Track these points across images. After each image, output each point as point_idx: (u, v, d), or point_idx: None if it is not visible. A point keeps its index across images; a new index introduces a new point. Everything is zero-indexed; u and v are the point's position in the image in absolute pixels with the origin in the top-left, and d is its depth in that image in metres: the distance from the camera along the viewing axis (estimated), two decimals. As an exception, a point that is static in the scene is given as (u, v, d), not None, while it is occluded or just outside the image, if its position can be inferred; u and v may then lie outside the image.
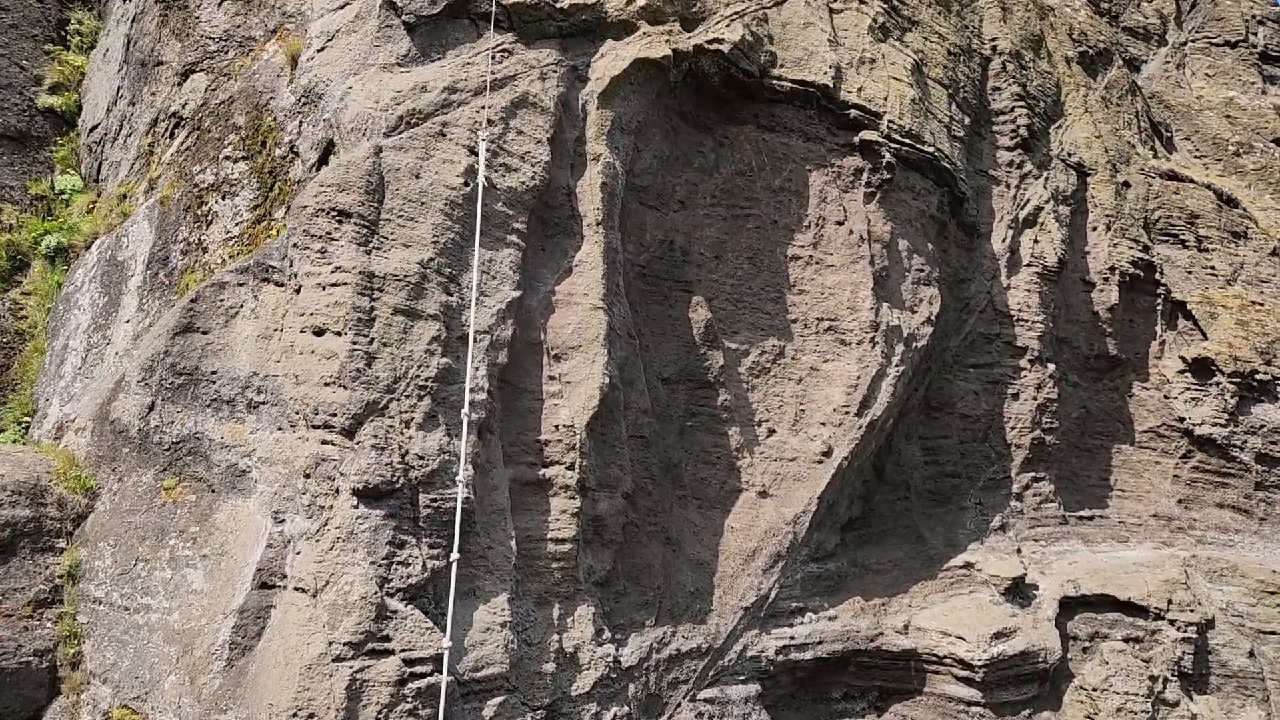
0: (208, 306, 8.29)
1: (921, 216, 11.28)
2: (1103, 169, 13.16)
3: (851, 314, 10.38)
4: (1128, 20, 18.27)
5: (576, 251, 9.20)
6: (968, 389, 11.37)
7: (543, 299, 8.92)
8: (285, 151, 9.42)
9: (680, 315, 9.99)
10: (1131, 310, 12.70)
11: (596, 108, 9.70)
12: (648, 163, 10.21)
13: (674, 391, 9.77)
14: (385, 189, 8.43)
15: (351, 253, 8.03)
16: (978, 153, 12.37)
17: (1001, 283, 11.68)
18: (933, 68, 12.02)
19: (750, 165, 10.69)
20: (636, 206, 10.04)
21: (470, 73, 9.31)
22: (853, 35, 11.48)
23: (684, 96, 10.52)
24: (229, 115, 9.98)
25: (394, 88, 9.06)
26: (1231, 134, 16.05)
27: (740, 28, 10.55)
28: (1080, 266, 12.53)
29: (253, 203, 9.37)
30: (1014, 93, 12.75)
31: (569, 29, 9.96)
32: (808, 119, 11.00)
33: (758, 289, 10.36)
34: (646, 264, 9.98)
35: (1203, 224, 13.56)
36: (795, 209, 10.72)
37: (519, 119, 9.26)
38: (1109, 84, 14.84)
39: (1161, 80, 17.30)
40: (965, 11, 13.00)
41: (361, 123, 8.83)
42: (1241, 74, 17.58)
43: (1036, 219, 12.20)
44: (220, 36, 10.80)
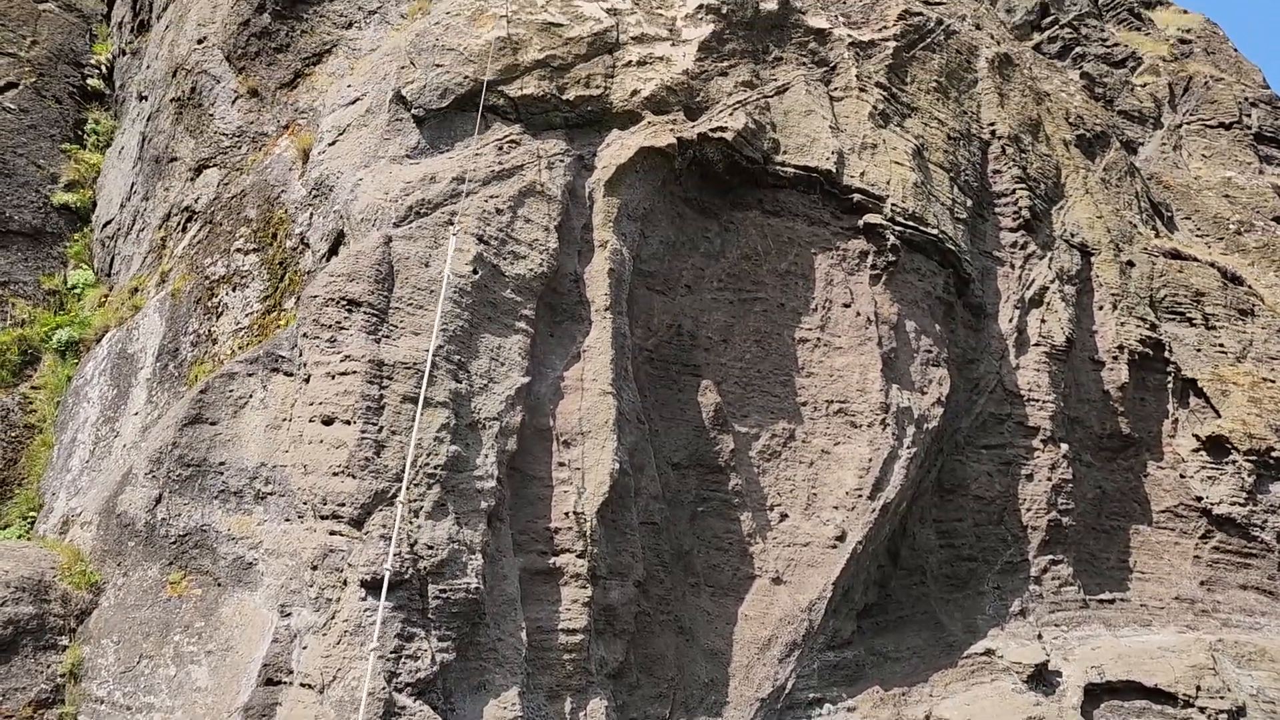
0: (217, 397, 8.28)
1: (928, 298, 11.32)
2: (1106, 249, 13.25)
3: (861, 396, 10.33)
4: (1122, 104, 18.61)
5: (585, 337, 9.22)
6: (981, 470, 11.25)
7: (551, 385, 8.90)
8: (296, 243, 9.53)
9: (689, 399, 9.95)
10: (1142, 389, 12.65)
11: (603, 195, 9.83)
12: (654, 248, 10.30)
13: (684, 476, 9.68)
14: (395, 278, 8.49)
15: (361, 341, 8.05)
16: (981, 234, 12.48)
17: (1010, 363, 11.66)
18: (933, 152, 12.20)
19: (756, 249, 10.78)
20: (644, 291, 10.10)
21: (478, 163, 9.46)
22: (853, 122, 11.68)
23: (689, 183, 10.67)
24: (241, 208, 10.12)
25: (403, 179, 9.21)
26: (1232, 213, 16.20)
27: (743, 116, 10.75)
28: (1089, 345, 12.52)
29: (263, 294, 9.43)
30: (1014, 175, 12.91)
31: (575, 119, 10.15)
32: (812, 203, 11.12)
33: (766, 372, 10.34)
34: (654, 348, 9.99)
35: (1209, 302, 13.58)
36: (802, 292, 10.77)
37: (527, 207, 9.37)
38: (1107, 166, 15.04)
39: (1159, 162, 17.54)
40: (963, 98, 13.25)
41: (371, 213, 8.94)
42: (1238, 154, 17.83)
43: (1042, 299, 12.23)
44: (233, 132, 11.02)
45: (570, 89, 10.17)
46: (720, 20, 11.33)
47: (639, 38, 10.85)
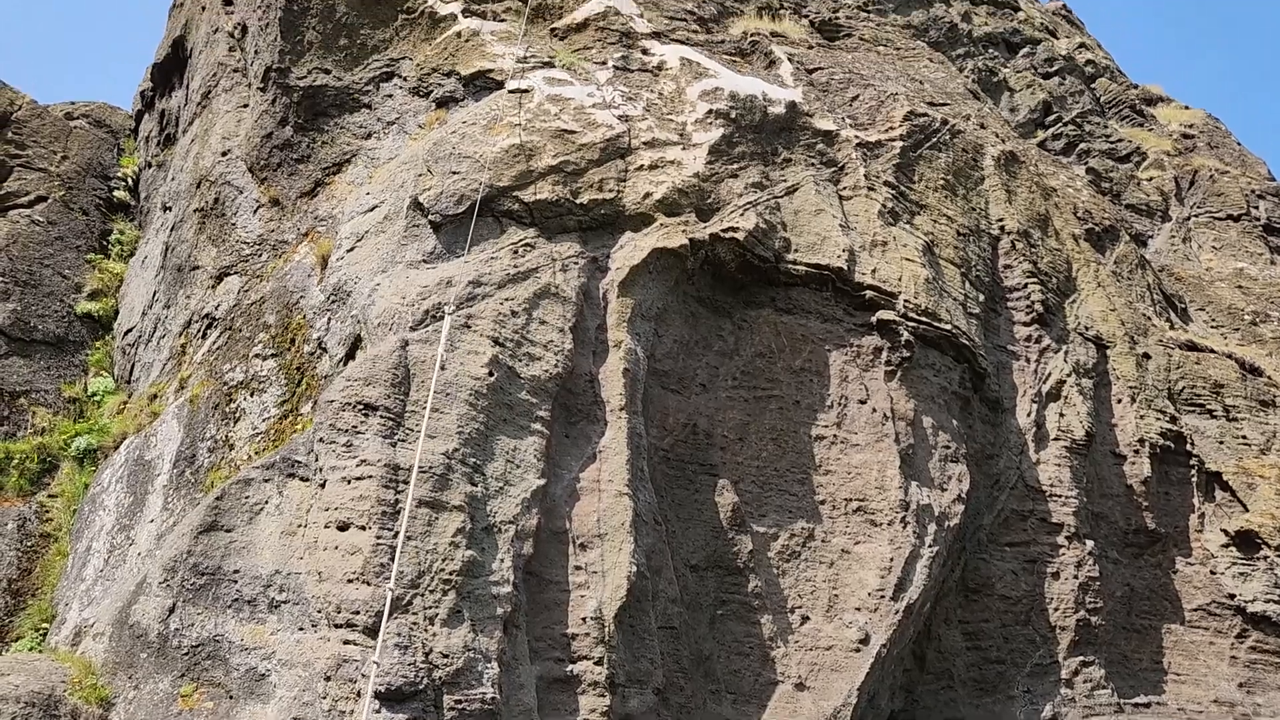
0: (232, 504, 8.26)
1: (944, 393, 11.28)
2: (1121, 341, 13.23)
3: (880, 494, 10.22)
4: (1129, 198, 18.82)
5: (600, 438, 9.20)
6: (1005, 569, 11.03)
7: (567, 487, 8.85)
8: (314, 348, 9.62)
9: (706, 499, 9.86)
10: (1166, 483, 12.46)
11: (617, 296, 9.92)
12: (668, 347, 10.34)
13: (703, 579, 9.52)
14: (411, 381, 8.53)
15: (377, 445, 8.05)
16: (995, 328, 12.49)
17: (1030, 458, 11.54)
18: (943, 248, 12.31)
19: (770, 347, 10.81)
20: (659, 391, 10.10)
21: (494, 267, 9.60)
22: (863, 220, 11.84)
23: (702, 283, 10.77)
24: (260, 314, 10.26)
25: (420, 283, 9.34)
26: (1246, 304, 16.19)
27: (754, 216, 10.91)
28: (1109, 439, 12.39)
29: (280, 399, 9.49)
30: (1025, 270, 12.99)
31: (589, 222, 10.33)
32: (824, 301, 11.19)
33: (784, 470, 10.26)
34: (670, 448, 9.94)
35: (1229, 393, 13.48)
36: (817, 389, 10.75)
37: (541, 309, 9.46)
38: (1118, 259, 15.12)
39: (1169, 254, 17.64)
40: (971, 195, 13.43)
41: (388, 318, 9.05)
42: (1248, 245, 17.92)
43: (1060, 392, 12.17)
44: (254, 241, 11.25)
45: (584, 193, 10.37)
46: (729, 124, 11.60)
47: (650, 142, 11.10)
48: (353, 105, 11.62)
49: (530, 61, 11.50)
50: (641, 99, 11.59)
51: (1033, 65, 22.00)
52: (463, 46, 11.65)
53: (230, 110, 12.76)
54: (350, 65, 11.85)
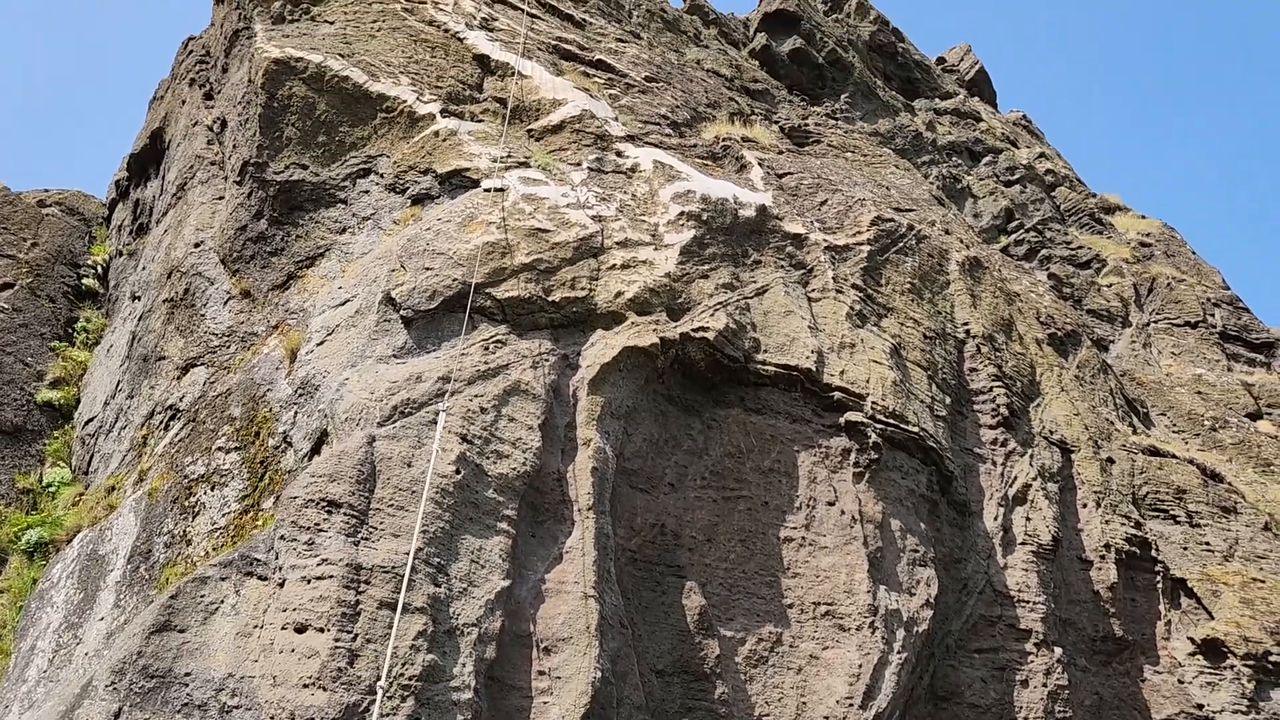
0: (187, 603, 8.02)
1: (912, 495, 11.30)
2: (1085, 446, 13.37)
3: (849, 598, 10.13)
4: (1090, 304, 19.25)
5: (567, 538, 9.10)
6: (974, 676, 10.91)
7: (533, 588, 8.70)
8: (279, 442, 9.51)
9: (673, 602, 9.72)
10: (1132, 589, 12.46)
11: (587, 394, 9.93)
12: (637, 446, 10.32)
13: (669, 685, 9.32)
14: (377, 478, 8.43)
15: (339, 544, 7.91)
16: (962, 431, 12.59)
17: (998, 562, 11.53)
18: (911, 351, 12.48)
19: (739, 447, 10.81)
20: (627, 490, 10.04)
21: (464, 363, 9.60)
22: (831, 322, 12.00)
23: (672, 381, 10.82)
24: (225, 407, 10.15)
25: (389, 378, 9.31)
26: (1205, 409, 16.48)
27: (724, 316, 11.03)
28: (1075, 544, 12.42)
29: (241, 493, 9.33)
30: (990, 373, 13.17)
31: (560, 320, 10.40)
32: (793, 401, 11.26)
33: (752, 573, 10.16)
34: (638, 549, 9.83)
35: (1191, 499, 13.60)
36: (786, 490, 10.74)
37: (511, 406, 9.44)
38: (1080, 363, 15.39)
39: (1130, 359, 17.98)
40: (937, 298, 13.68)
41: (356, 412, 8.98)
42: (1205, 352, 18.32)
43: (1026, 496, 12.23)
44: (223, 332, 11.20)
45: (556, 291, 10.46)
46: (701, 226, 11.81)
47: (623, 242, 11.27)
48: (329, 200, 11.73)
49: (506, 161, 11.71)
50: (615, 200, 11.80)
51: (995, 173, 22.72)
52: (440, 145, 11.85)
53: (205, 202, 12.83)
54: (328, 161, 12.00)
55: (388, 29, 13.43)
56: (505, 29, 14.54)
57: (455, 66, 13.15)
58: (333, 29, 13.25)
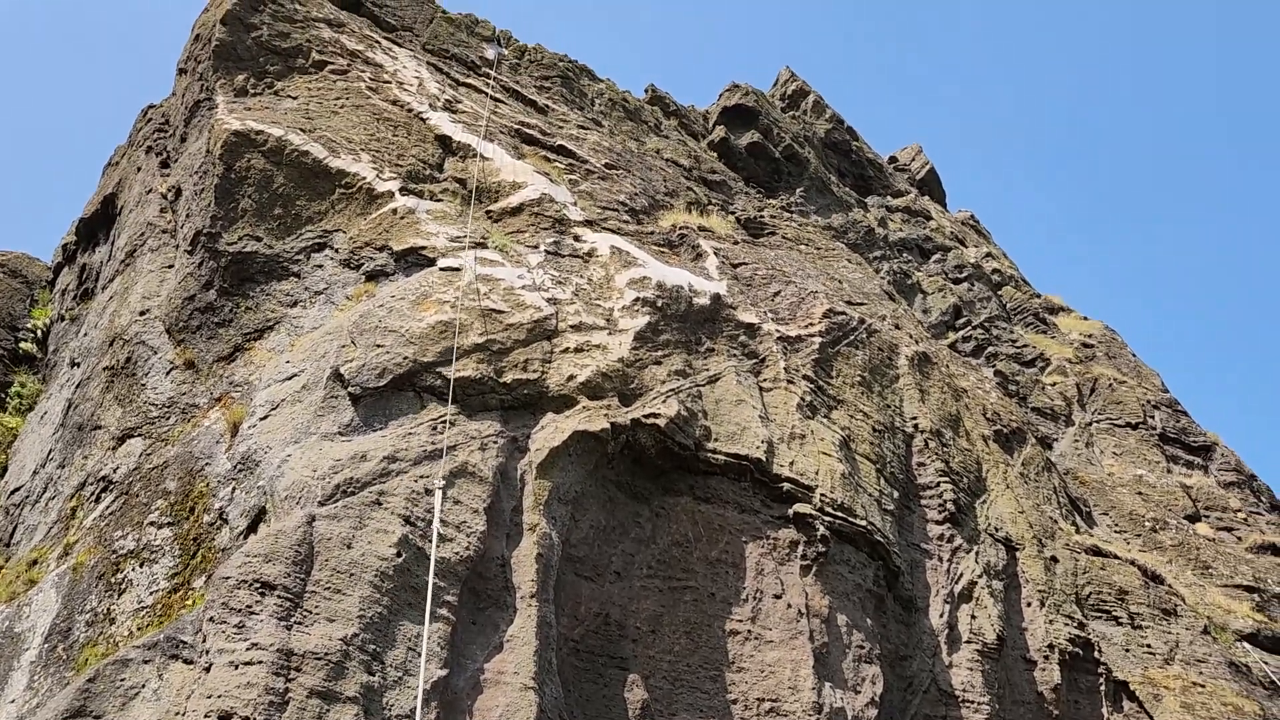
0: (105, 686, 7.66)
1: (859, 590, 11.22)
2: (1030, 544, 13.45)
3: (793, 694, 9.95)
4: (1035, 401, 19.58)
5: (509, 625, 8.86)
6: (919, 778, 10.74)
7: (471, 678, 8.43)
8: (214, 518, 9.22)
9: (615, 695, 9.47)
10: (1075, 690, 12.42)
11: (535, 478, 9.80)
12: (584, 533, 10.16)
13: (608, 782, 9.03)
14: (314, 559, 8.19)
15: (271, 628, 7.62)
16: (909, 526, 12.60)
17: (943, 660, 11.44)
18: (860, 444, 12.53)
19: (687, 536, 10.70)
20: (572, 577, 9.85)
21: (411, 443, 9.44)
22: (782, 412, 12.04)
23: (621, 467, 10.72)
24: (161, 480, 9.85)
25: (333, 456, 9.11)
26: (1146, 510, 16.71)
27: (676, 403, 11.02)
28: (1020, 644, 12.39)
29: (172, 571, 9.00)
30: (938, 468, 13.25)
31: (511, 402, 10.30)
32: (742, 491, 11.21)
33: (696, 666, 9.96)
34: (580, 638, 9.61)
35: (1133, 600, 13.68)
36: (733, 581, 10.61)
37: (457, 489, 9.28)
38: (1025, 461, 15.57)
39: (1074, 457, 18.24)
40: (886, 392, 13.81)
41: (297, 490, 8.76)
42: (1146, 454, 18.66)
43: (972, 594, 12.21)
44: (164, 403, 10.93)
45: (508, 372, 10.39)
46: (656, 313, 11.87)
47: (578, 325, 11.27)
48: (281, 273, 11.62)
49: (463, 241, 11.73)
50: (571, 283, 11.84)
51: (944, 270, 23.25)
52: (397, 223, 11.85)
53: (154, 270, 12.65)
54: (283, 234, 11.93)
55: (351, 106, 13.53)
56: (468, 111, 14.72)
57: (417, 146, 13.24)
58: (295, 104, 13.31)
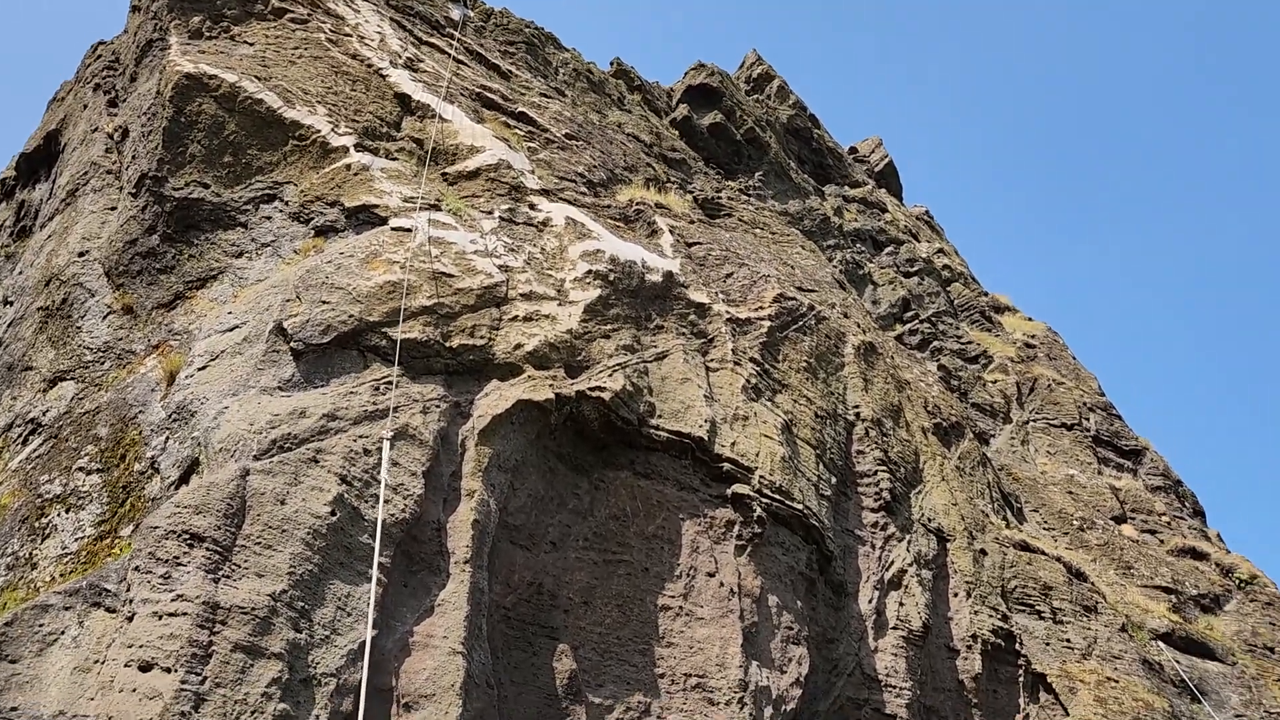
0: (23, 631, 7.51)
1: (791, 572, 11.36)
2: (961, 536, 13.71)
3: (720, 671, 10.07)
4: (975, 397, 19.91)
5: (441, 590, 8.85)
6: (838, 758, 10.94)
7: (399, 640, 8.41)
8: (146, 467, 9.06)
9: (544, 664, 9.51)
10: (995, 680, 12.72)
11: (476, 444, 9.76)
12: (522, 501, 10.16)
13: (531, 750, 9.08)
14: (246, 514, 8.09)
15: (198, 580, 7.53)
16: (844, 512, 12.77)
17: (869, 645, 11.64)
18: (801, 428, 12.65)
19: (625, 510, 10.74)
20: (507, 545, 9.85)
21: (352, 402, 9.35)
22: (727, 393, 12.11)
23: (563, 439, 10.72)
24: (92, 425, 9.65)
25: (272, 410, 8.99)
26: (1075, 509, 17.12)
27: (622, 378, 11.02)
28: (944, 632, 12.64)
29: (99, 518, 8.83)
30: (876, 457, 13.43)
31: (456, 367, 10.24)
32: (683, 469, 11.27)
33: (626, 639, 10.03)
34: (512, 606, 9.62)
35: (1056, 596, 14.03)
36: (667, 557, 10.68)
37: (396, 450, 9.21)
38: (962, 454, 15.84)
39: (1009, 454, 18.61)
40: (831, 379, 13.95)
41: (232, 443, 8.63)
42: (1079, 454, 19.09)
43: (901, 582, 12.43)
44: (99, 347, 10.69)
45: (454, 337, 10.32)
46: (607, 286, 11.85)
47: (528, 295, 11.21)
48: (228, 222, 11.39)
49: (417, 202, 11.59)
50: (523, 251, 11.77)
51: (895, 263, 23.48)
52: (350, 179, 11.67)
53: (96, 211, 12.33)
54: (231, 183, 11.69)
55: (309, 57, 13.26)
56: (429, 71, 14.51)
57: (375, 102, 13.03)
58: (251, 50, 13.01)
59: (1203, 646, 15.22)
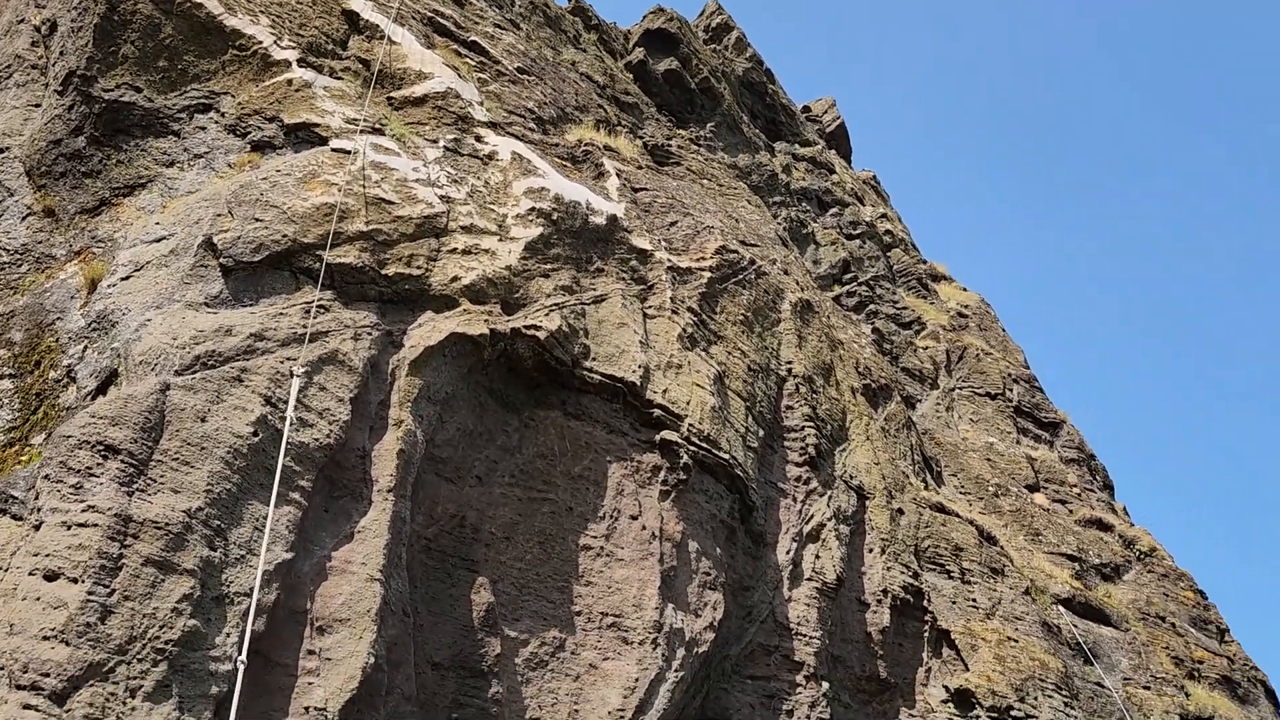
0: (-76, 534, 7.31)
1: (713, 520, 11.53)
2: (880, 494, 14.03)
3: (636, 612, 10.22)
4: (906, 362, 20.27)
5: (362, 517, 8.81)
6: (744, 701, 11.21)
7: (317, 564, 8.37)
8: (61, 375, 8.82)
9: (462, 595, 9.56)
10: (901, 634, 13.12)
11: (406, 374, 9.67)
12: (450, 434, 10.12)
13: (443, 678, 9.15)
14: (164, 429, 7.93)
15: (110, 492, 7.38)
16: (769, 465, 12.96)
17: (784, 595, 11.90)
18: (733, 380, 12.76)
19: (552, 449, 10.77)
20: (432, 477, 9.82)
21: (281, 323, 9.18)
22: (663, 340, 12.14)
23: (495, 375, 10.67)
24: (5, 329, 9.34)
25: (197, 326, 8.79)
26: (992, 476, 17.61)
27: (558, 318, 10.98)
28: (857, 586, 12.98)
29: (8, 424, 8.59)
30: (805, 413, 13.63)
31: (390, 295, 10.10)
32: (613, 412, 11.31)
33: (545, 576, 10.11)
34: (434, 538, 9.63)
35: (966, 557, 14.47)
36: (592, 498, 10.76)
37: (324, 375, 9.09)
38: (888, 416, 16.15)
39: (933, 419, 19.02)
40: (766, 334, 14.07)
41: (154, 357, 8.43)
42: (1000, 423, 19.60)
43: (819, 535, 12.69)
44: (16, 249, 10.31)
45: (391, 265, 10.17)
46: (550, 225, 11.74)
47: (468, 228, 11.07)
48: (160, 129, 11.00)
49: (360, 125, 11.32)
50: (467, 184, 11.59)
51: (839, 225, 23.65)
52: (291, 95, 11.34)
53: (19, 107, 11.81)
54: (165, 89, 11.27)
55: (255, -36, 12.76)
56: (381, -10, 14.08)
57: (321, 18, 12.63)
58: (195, -48, 12.47)
59: (1100, 612, 15.88)
